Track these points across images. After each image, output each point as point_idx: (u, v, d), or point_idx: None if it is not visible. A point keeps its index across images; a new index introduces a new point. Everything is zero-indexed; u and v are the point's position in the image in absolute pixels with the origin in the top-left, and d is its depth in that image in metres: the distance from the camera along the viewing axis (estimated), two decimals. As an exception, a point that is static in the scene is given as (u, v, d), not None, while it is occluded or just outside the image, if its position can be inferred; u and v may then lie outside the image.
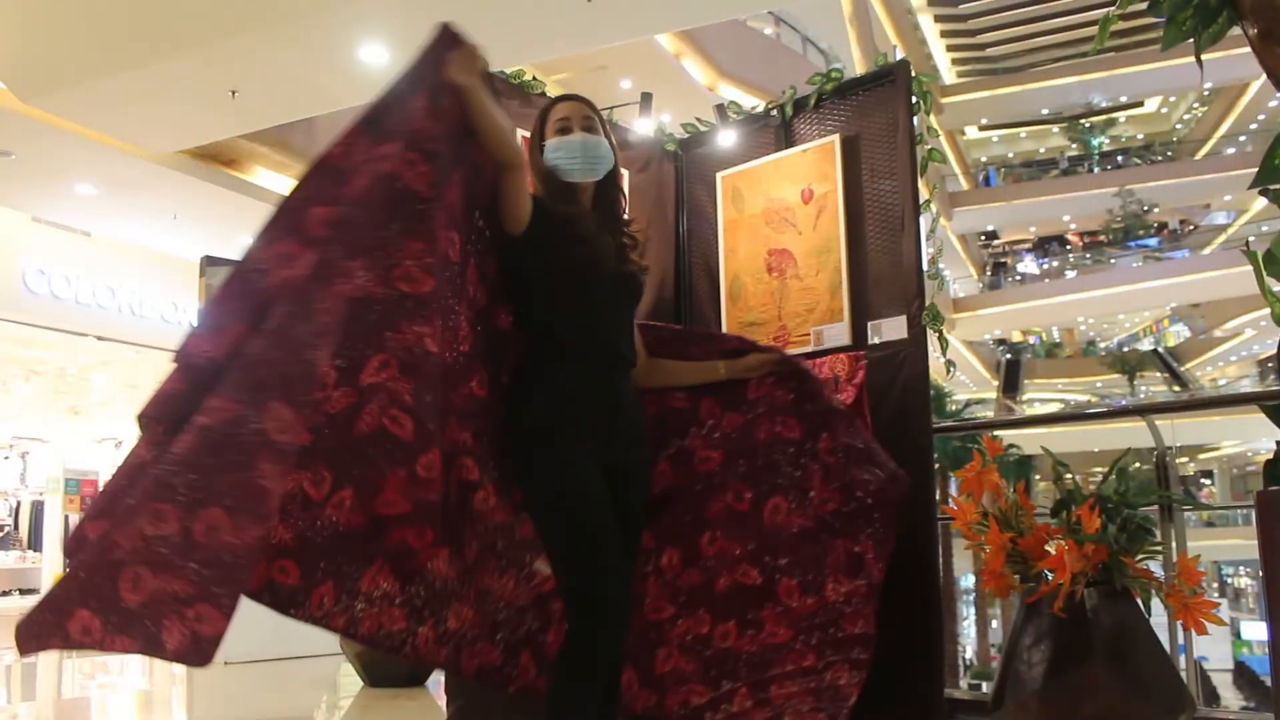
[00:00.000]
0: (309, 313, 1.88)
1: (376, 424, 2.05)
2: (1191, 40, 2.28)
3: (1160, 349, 33.82)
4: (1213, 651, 20.08)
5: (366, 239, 2.03)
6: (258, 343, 1.85)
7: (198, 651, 1.69)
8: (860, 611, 2.59)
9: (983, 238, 34.37)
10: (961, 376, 28.02)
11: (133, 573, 1.72)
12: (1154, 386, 31.65)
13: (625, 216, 2.59)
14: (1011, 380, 31.94)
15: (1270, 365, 30.55)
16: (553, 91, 3.11)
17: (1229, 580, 30.44)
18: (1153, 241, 31.47)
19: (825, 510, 2.58)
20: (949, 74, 32.19)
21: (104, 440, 14.53)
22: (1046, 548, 2.70)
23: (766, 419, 2.60)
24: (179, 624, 1.69)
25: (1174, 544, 3.14)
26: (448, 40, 2.20)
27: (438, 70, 2.18)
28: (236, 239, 10.57)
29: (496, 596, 2.34)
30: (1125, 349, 35.24)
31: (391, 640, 2.15)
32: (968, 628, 21.08)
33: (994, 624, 21.03)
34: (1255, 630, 24.69)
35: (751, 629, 2.58)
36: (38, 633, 1.78)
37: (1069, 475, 2.86)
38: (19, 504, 14.86)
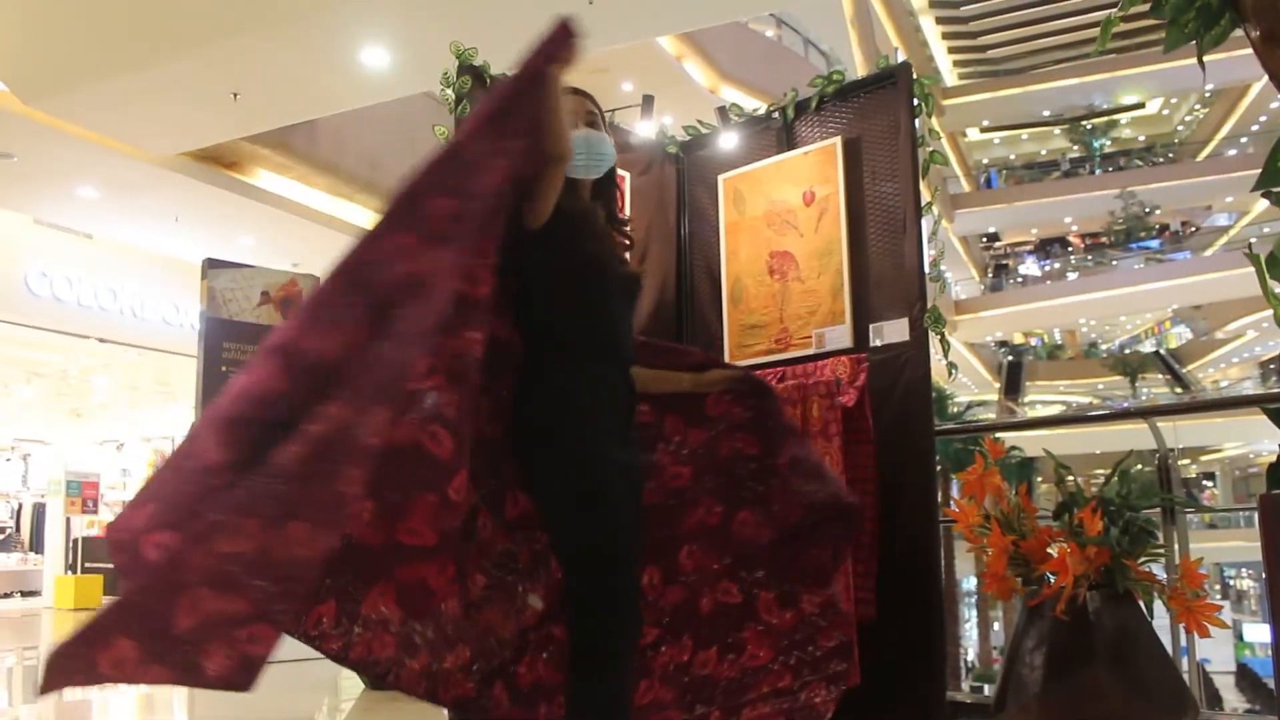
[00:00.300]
0: (425, 313, 1.76)
1: (413, 438, 1.90)
2: (1193, 42, 2.28)
3: (1162, 351, 33.79)
4: (1215, 654, 20.06)
5: (476, 236, 1.91)
6: (384, 347, 1.71)
7: (245, 674, 1.57)
8: (834, 623, 2.58)
9: (984, 240, 34.37)
10: (963, 379, 28.03)
11: (194, 595, 1.57)
12: (1156, 388, 31.64)
13: (621, 217, 2.59)
14: (1013, 382, 31.92)
15: (1272, 367, 30.56)
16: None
17: (1231, 582, 30.41)
18: (1154, 243, 31.45)
19: (788, 523, 2.58)
20: (950, 76, 32.20)
21: (105, 442, 14.55)
22: (1049, 550, 2.70)
23: (727, 435, 2.60)
24: (226, 647, 1.56)
25: (1176, 546, 3.14)
26: (564, 35, 2.07)
27: (548, 63, 2.05)
28: (238, 241, 10.59)
29: (497, 631, 2.25)
30: (1127, 351, 35.23)
31: (378, 667, 2.03)
32: (969, 630, 21.08)
33: (996, 626, 21.02)
34: (1258, 632, 24.69)
35: (732, 653, 2.56)
36: (66, 667, 1.60)
37: (1071, 478, 2.86)
38: (20, 506, 14.91)
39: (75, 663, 1.59)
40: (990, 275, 32.24)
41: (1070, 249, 34.11)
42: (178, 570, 1.58)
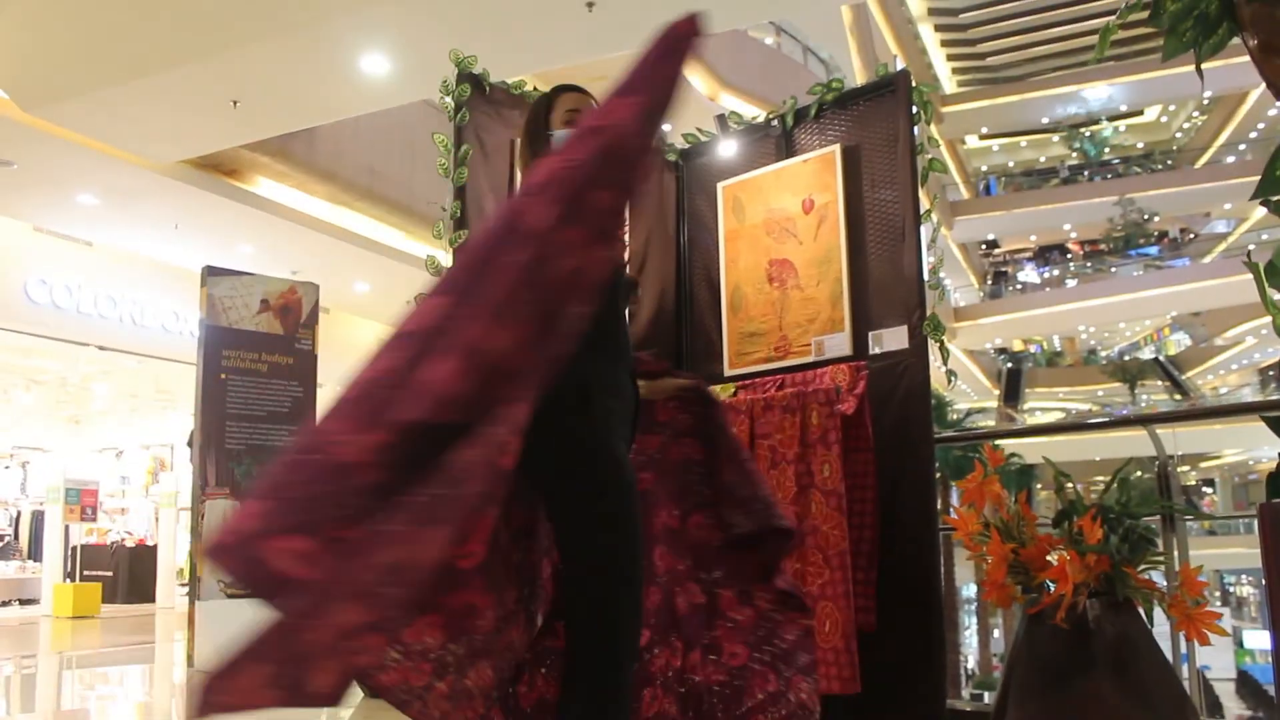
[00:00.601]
0: (583, 312, 1.68)
1: None
2: (1191, 50, 2.28)
3: (1161, 357, 33.82)
4: (1215, 661, 20.03)
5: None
6: (554, 346, 1.64)
7: (341, 688, 1.47)
8: (789, 618, 2.59)
9: (983, 246, 34.40)
10: (963, 386, 28.02)
11: (334, 609, 1.45)
12: (1155, 395, 31.63)
13: None
14: (1013, 389, 31.92)
15: (1272, 374, 30.58)
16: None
17: (1231, 589, 30.37)
18: (1153, 250, 31.50)
19: (731, 524, 2.60)
20: (949, 83, 32.25)
21: (105, 450, 14.54)
22: (1048, 558, 2.70)
23: (674, 441, 2.64)
24: (334, 660, 1.45)
25: (1176, 554, 3.14)
26: (692, 30, 1.92)
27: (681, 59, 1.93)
28: (238, 248, 10.59)
29: (516, 650, 2.21)
30: (1126, 358, 35.23)
31: (408, 694, 1.94)
32: (969, 638, 21.04)
33: (996, 634, 21.00)
34: (1258, 639, 24.62)
35: (713, 654, 2.58)
36: (204, 700, 1.46)
37: (1070, 485, 2.85)
38: (19, 514, 14.88)
39: (206, 694, 1.47)
40: (989, 282, 32.25)
41: (1069, 256, 34.14)
42: (332, 585, 1.45)
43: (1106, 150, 33.86)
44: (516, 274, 1.65)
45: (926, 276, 3.38)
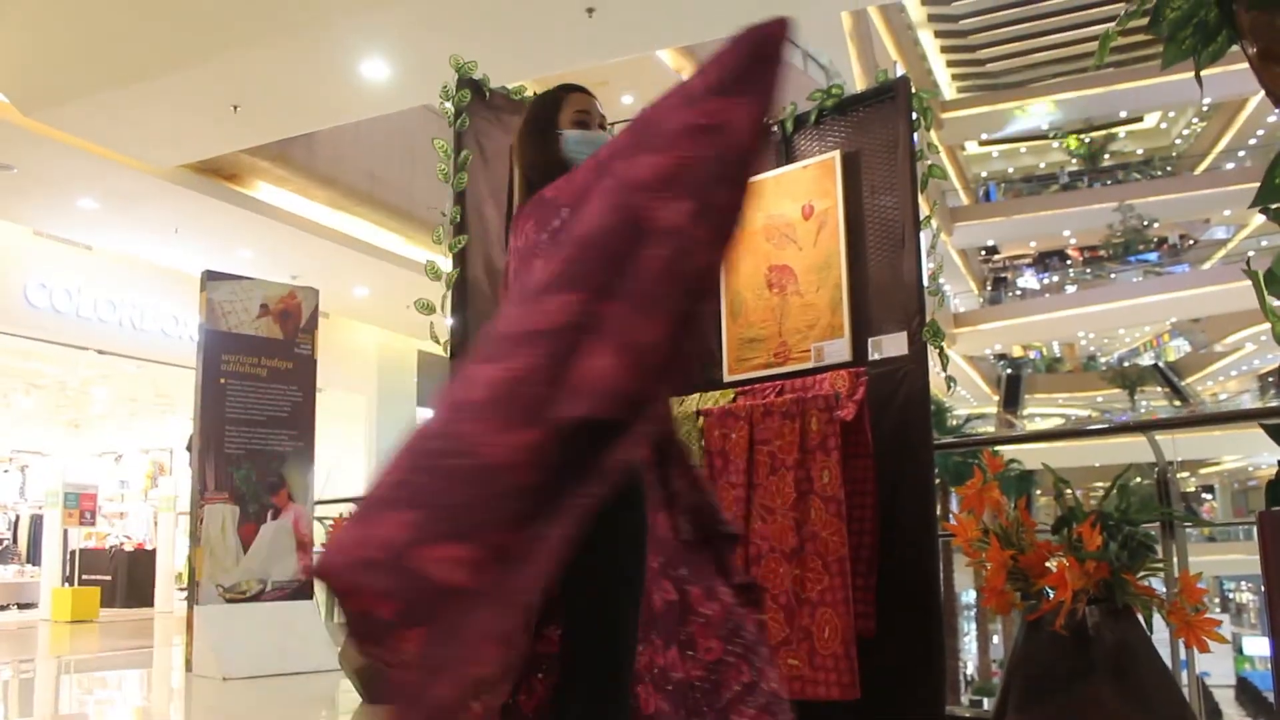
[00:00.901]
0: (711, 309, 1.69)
1: None
2: (1191, 58, 2.29)
3: (1161, 364, 33.85)
4: (1215, 667, 19.98)
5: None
6: (693, 345, 1.63)
7: (461, 697, 1.41)
8: (749, 610, 2.61)
9: (983, 253, 34.43)
10: (962, 392, 28.03)
11: (483, 617, 1.39)
12: (1155, 401, 31.66)
13: None
14: (1012, 395, 31.94)
15: (1271, 380, 30.59)
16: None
17: (1230, 595, 30.35)
18: (1153, 256, 31.53)
19: (678, 529, 2.61)
20: (949, 89, 32.30)
21: (104, 454, 14.53)
22: (1048, 565, 2.70)
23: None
24: (457, 670, 1.40)
25: (1175, 560, 3.13)
26: (784, 32, 1.82)
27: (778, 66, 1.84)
28: (237, 253, 10.59)
29: (521, 661, 2.18)
30: (1126, 364, 35.26)
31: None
32: (969, 644, 21.02)
33: (995, 640, 20.96)
34: (1257, 646, 24.59)
35: (690, 649, 2.59)
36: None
37: (1070, 491, 2.86)
38: (18, 518, 14.86)
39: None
40: (989, 288, 32.30)
41: (1069, 262, 34.17)
42: (489, 592, 1.38)
43: (1107, 157, 33.91)
44: (660, 270, 1.59)
45: (926, 282, 3.38)
